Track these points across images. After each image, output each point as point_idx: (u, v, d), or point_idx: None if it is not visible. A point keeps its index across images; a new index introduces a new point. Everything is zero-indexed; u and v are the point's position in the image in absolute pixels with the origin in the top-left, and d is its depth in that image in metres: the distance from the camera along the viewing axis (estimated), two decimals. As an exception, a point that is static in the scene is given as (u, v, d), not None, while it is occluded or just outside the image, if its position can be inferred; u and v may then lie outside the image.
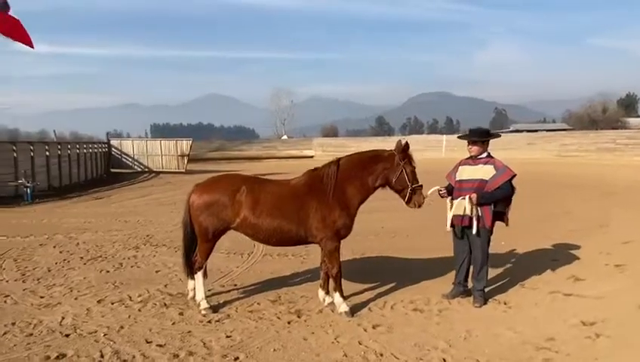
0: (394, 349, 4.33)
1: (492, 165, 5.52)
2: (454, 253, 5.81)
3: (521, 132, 60.03)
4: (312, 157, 42.10)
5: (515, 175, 5.47)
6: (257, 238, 5.31)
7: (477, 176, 5.52)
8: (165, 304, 5.59)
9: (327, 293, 5.47)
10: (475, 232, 5.41)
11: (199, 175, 5.66)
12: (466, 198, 5.38)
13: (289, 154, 45.21)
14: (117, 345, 4.45)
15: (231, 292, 6.05)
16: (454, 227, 5.65)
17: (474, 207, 5.36)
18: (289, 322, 5.01)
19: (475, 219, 5.38)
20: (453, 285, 5.80)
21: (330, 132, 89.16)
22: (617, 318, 4.93)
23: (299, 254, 7.72)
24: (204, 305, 5.28)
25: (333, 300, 5.33)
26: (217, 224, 5.18)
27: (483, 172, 5.50)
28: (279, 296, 5.81)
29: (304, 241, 5.32)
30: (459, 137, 6.27)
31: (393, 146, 5.34)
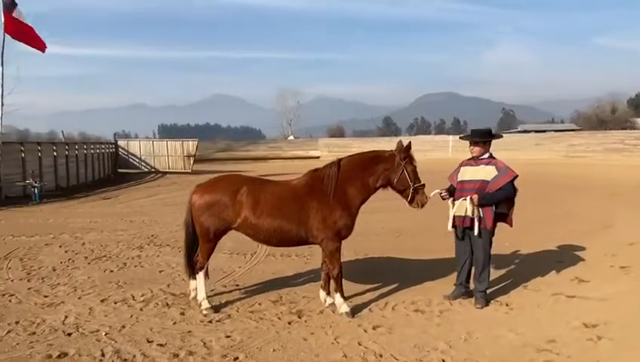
0: (393, 350, 4.32)
1: (494, 166, 5.49)
2: (456, 254, 5.80)
3: (529, 132, 59.62)
4: (318, 157, 42.08)
5: (517, 176, 5.44)
6: (258, 239, 5.32)
7: (479, 177, 5.50)
8: (167, 304, 5.62)
9: (328, 294, 5.47)
10: (477, 233, 5.40)
11: (205, 175, 5.72)
12: (467, 199, 5.37)
13: (295, 154, 45.25)
14: (118, 344, 4.49)
15: (233, 292, 6.07)
16: (456, 228, 5.64)
17: (475, 208, 5.35)
18: (289, 322, 5.02)
19: (477, 220, 5.36)
20: (454, 286, 5.78)
21: (336, 132, 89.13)
22: (621, 320, 4.90)
23: (302, 255, 7.73)
24: (205, 305, 5.30)
25: (334, 301, 5.33)
26: (218, 224, 5.20)
27: (485, 173, 5.48)
28: (281, 297, 5.82)
29: (305, 242, 5.32)
30: (461, 138, 6.25)
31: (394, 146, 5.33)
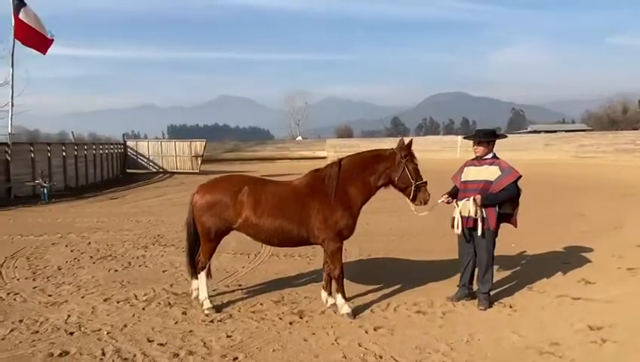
0: (394, 352, 4.29)
1: (497, 166, 5.43)
2: (459, 255, 5.74)
3: (538, 133, 59.09)
4: (325, 158, 42.03)
5: (521, 176, 5.38)
6: (259, 239, 5.31)
7: (482, 177, 5.45)
8: (169, 303, 5.64)
9: (329, 294, 5.45)
10: (480, 234, 5.34)
11: (213, 175, 5.76)
12: (471, 200, 5.32)
13: (302, 155, 45.28)
14: (119, 344, 4.50)
15: (235, 292, 6.07)
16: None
17: (478, 208, 5.30)
18: (291, 323, 5.00)
19: (480, 221, 5.31)
20: (458, 287, 5.73)
21: (344, 133, 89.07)
22: (626, 323, 4.83)
23: (305, 255, 7.72)
24: (206, 305, 5.31)
25: (335, 301, 5.31)
26: (219, 224, 5.21)
27: (488, 173, 5.43)
28: (282, 297, 5.81)
29: (306, 242, 5.30)
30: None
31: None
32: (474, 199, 5.30)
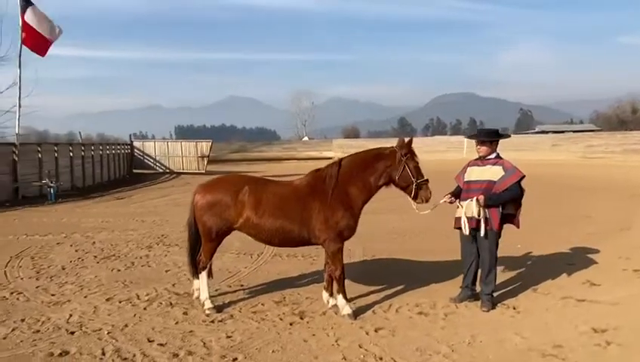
0: (394, 353, 4.26)
1: (501, 166, 5.38)
2: (462, 256, 5.69)
3: (546, 133, 58.64)
4: (332, 158, 42.03)
5: (524, 176, 5.32)
6: (260, 239, 5.29)
7: (485, 177, 5.39)
8: (171, 303, 5.63)
9: (331, 295, 5.42)
10: (483, 234, 5.29)
11: (218, 176, 5.76)
12: (474, 200, 5.27)
13: (308, 155, 45.29)
14: (119, 343, 4.50)
15: (237, 292, 6.05)
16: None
17: (481, 209, 5.24)
18: (291, 323, 4.98)
19: (483, 221, 5.26)
20: (460, 289, 5.67)
21: (351, 133, 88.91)
22: (631, 325, 4.76)
23: (308, 255, 7.69)
24: (207, 305, 5.30)
25: (336, 302, 5.27)
26: (220, 224, 5.19)
27: (491, 173, 5.37)
28: (284, 297, 5.79)
29: (307, 242, 5.27)
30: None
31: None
32: (477, 199, 5.25)
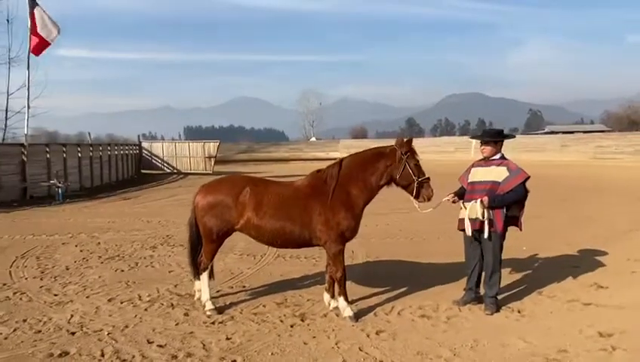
0: (395, 357, 4.20)
1: (505, 167, 5.30)
2: (465, 258, 5.62)
3: (556, 133, 58.09)
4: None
5: (529, 177, 5.23)
6: (261, 240, 5.25)
7: (489, 178, 5.32)
8: (172, 304, 5.62)
9: (332, 297, 5.37)
10: (487, 236, 5.21)
11: (220, 177, 5.77)
12: (478, 201, 5.20)
13: (315, 156, 45.25)
14: (119, 344, 4.49)
15: (238, 293, 6.03)
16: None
17: (485, 210, 5.17)
18: (292, 325, 4.94)
19: (487, 223, 5.18)
20: (464, 291, 5.60)
21: (359, 134, 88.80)
22: (638, 329, 4.65)
23: (311, 256, 7.65)
24: (209, 306, 5.27)
25: (337, 304, 5.23)
26: (221, 225, 5.17)
27: (496, 173, 5.30)
28: (286, 299, 5.76)
29: (309, 244, 5.23)
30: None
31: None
32: (481, 201, 5.18)
